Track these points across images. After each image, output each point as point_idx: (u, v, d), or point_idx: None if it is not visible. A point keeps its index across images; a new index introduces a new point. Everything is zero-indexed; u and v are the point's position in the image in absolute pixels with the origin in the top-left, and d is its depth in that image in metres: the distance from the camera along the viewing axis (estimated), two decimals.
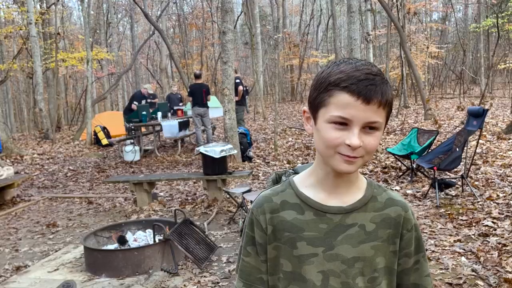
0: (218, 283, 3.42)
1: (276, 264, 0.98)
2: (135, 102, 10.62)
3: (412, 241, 0.98)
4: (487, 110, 5.04)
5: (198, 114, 9.83)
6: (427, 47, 19.98)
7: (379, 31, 23.02)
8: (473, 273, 3.22)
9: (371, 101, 0.85)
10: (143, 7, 14.57)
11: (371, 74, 0.86)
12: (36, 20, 16.13)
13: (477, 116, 5.12)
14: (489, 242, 3.73)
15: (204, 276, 3.55)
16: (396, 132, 10.36)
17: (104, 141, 11.94)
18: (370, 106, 0.85)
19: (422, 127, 9.26)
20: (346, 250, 0.94)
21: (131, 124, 9.80)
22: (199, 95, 9.71)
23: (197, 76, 10.04)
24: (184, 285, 3.41)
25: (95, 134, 12.24)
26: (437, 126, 10.11)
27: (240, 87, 10.16)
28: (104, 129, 12.28)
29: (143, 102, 10.85)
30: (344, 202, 0.95)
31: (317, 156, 0.97)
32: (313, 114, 0.92)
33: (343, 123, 0.86)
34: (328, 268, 0.94)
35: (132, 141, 9.72)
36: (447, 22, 29.61)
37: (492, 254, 3.49)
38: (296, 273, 0.96)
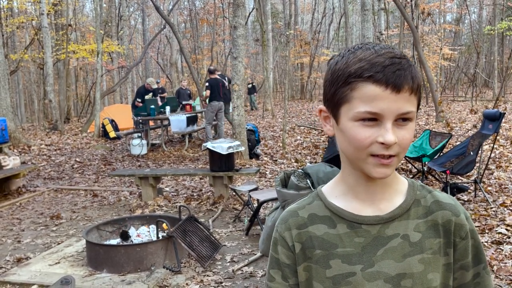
0: (221, 283, 3.33)
1: None
2: (138, 99, 10.56)
3: (469, 250, 0.83)
4: (504, 113, 4.89)
5: (214, 110, 9.66)
6: (440, 49, 19.72)
7: (392, 31, 22.78)
8: None
9: (402, 88, 0.73)
10: (155, 1, 14.49)
11: (396, 57, 0.74)
12: (49, 11, 16.18)
13: (493, 119, 4.97)
14: (502, 250, 3.60)
15: (207, 275, 3.47)
16: None
17: (112, 134, 11.92)
18: (401, 94, 0.73)
19: (434, 129, 9.10)
20: (389, 266, 0.80)
21: (139, 118, 9.75)
22: (216, 89, 9.59)
23: (211, 72, 9.95)
24: (187, 284, 3.33)
25: (103, 126, 12.23)
26: (448, 128, 9.93)
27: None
28: (112, 121, 12.26)
29: (147, 96, 10.77)
30: (382, 210, 0.82)
31: (344, 160, 0.84)
32: (333, 113, 0.80)
33: (373, 119, 0.74)
34: None
35: (139, 134, 9.67)
36: (461, 24, 29.22)
37: (506, 263, 3.36)
38: None
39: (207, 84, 9.73)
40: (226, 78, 10.82)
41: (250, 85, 21.57)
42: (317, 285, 0.84)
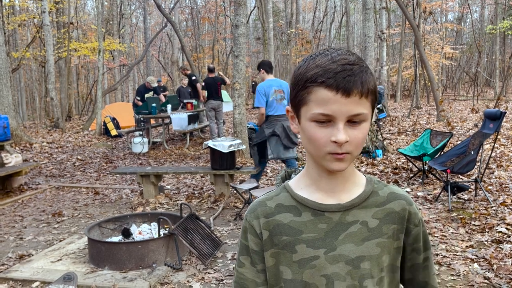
0: (222, 280, 3.35)
1: (276, 273, 0.92)
2: (137, 98, 10.57)
3: (421, 236, 0.94)
4: (505, 113, 4.89)
5: (212, 108, 9.74)
6: (442, 48, 19.70)
7: (393, 30, 22.76)
8: (486, 281, 3.11)
9: (351, 93, 0.80)
10: None
11: (348, 64, 0.82)
12: (50, 9, 16.18)
13: (494, 119, 4.98)
14: (502, 249, 3.61)
15: (208, 273, 3.49)
16: (407, 132, 10.20)
17: (113, 132, 11.95)
18: (351, 98, 0.80)
19: (435, 129, 9.11)
20: (349, 250, 0.88)
21: (141, 116, 9.77)
22: (213, 88, 9.63)
23: (211, 70, 9.97)
24: (188, 281, 3.35)
25: (105, 124, 12.25)
26: (449, 128, 9.93)
27: (198, 85, 9.87)
28: (113, 120, 12.29)
29: (148, 94, 10.79)
30: (342, 200, 0.90)
31: (308, 156, 0.92)
32: (296, 113, 0.88)
33: (327, 120, 0.82)
34: (332, 271, 0.88)
35: (141, 132, 9.69)
36: (462, 23, 29.17)
37: (505, 261, 3.37)
38: (297, 280, 0.89)
39: (203, 83, 9.77)
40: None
41: (253, 83, 21.63)
42: (284, 269, 0.91)
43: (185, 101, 11.21)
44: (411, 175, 6.24)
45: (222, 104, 9.91)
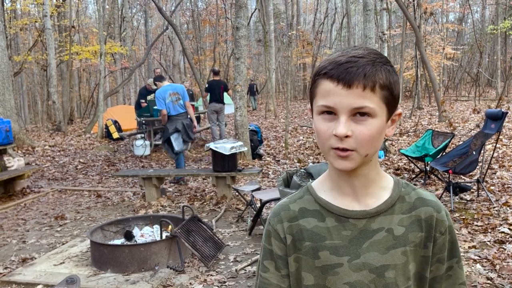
0: (224, 282, 3.35)
1: (298, 278, 0.89)
2: (142, 100, 10.60)
3: (446, 245, 0.88)
4: (506, 113, 4.89)
5: (214, 111, 9.76)
6: (443, 48, 19.66)
7: (394, 31, 22.76)
8: (489, 281, 3.11)
9: (352, 84, 0.77)
10: (157, 2, 14.53)
11: (355, 56, 0.79)
12: (52, 12, 16.23)
13: (496, 119, 4.97)
14: (505, 249, 3.61)
15: (211, 275, 3.49)
16: (409, 133, 10.19)
17: (115, 135, 11.96)
18: (352, 90, 0.77)
19: (437, 129, 9.10)
20: (374, 258, 0.85)
21: (142, 119, 9.79)
22: (216, 91, 9.66)
23: (216, 73, 10.02)
24: (190, 283, 3.35)
25: (107, 127, 12.27)
26: (451, 128, 9.92)
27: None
28: (115, 122, 12.30)
29: (149, 97, 10.80)
30: (368, 205, 0.86)
31: None
32: (311, 110, 0.87)
33: (331, 113, 0.80)
34: (356, 279, 0.85)
35: (142, 135, 9.70)
36: (463, 23, 29.16)
37: (508, 262, 3.37)
38: (319, 285, 0.87)
39: (206, 85, 9.86)
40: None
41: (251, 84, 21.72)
42: (306, 275, 0.88)
43: None
44: (413, 176, 6.23)
45: (224, 107, 9.95)
